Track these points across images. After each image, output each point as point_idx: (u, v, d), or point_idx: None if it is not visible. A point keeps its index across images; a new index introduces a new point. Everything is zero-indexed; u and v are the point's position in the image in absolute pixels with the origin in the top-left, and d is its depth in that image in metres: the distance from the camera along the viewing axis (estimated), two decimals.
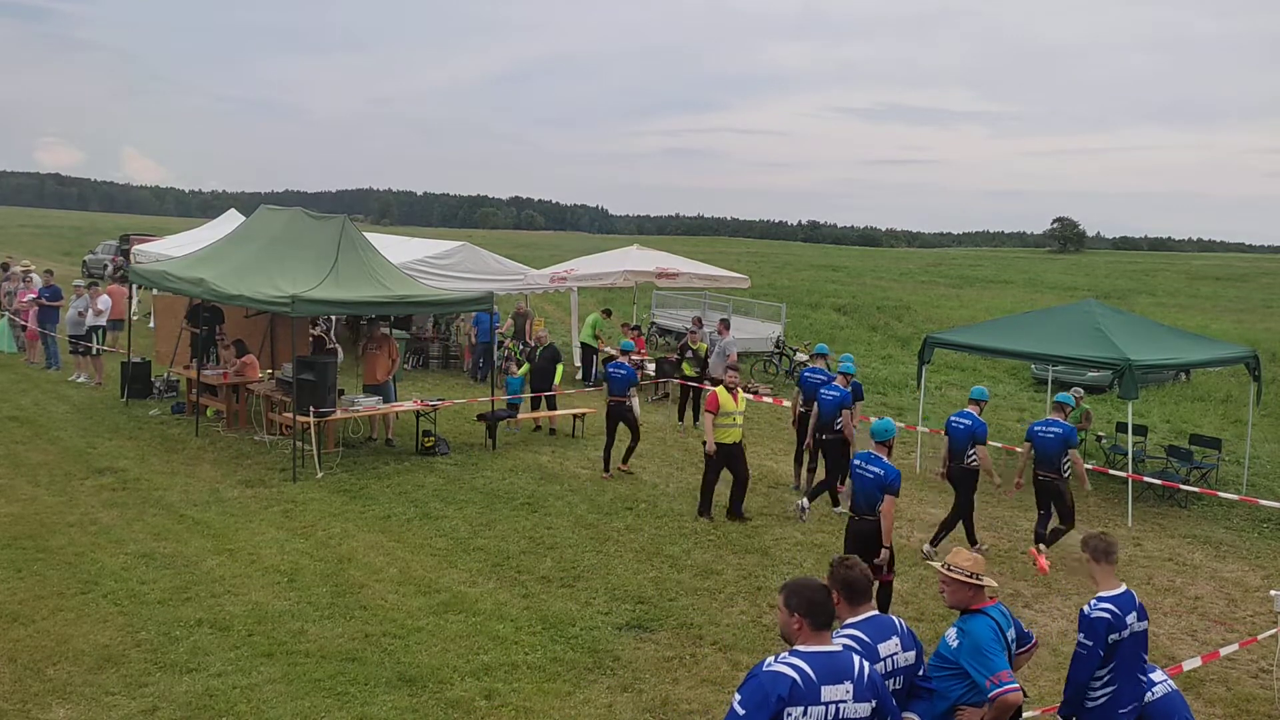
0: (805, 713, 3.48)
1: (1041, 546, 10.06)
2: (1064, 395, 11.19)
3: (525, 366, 15.36)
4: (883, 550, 7.76)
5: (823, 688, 3.52)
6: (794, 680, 3.49)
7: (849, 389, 11.69)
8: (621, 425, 12.58)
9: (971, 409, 10.53)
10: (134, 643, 7.18)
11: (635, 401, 12.74)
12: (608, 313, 20.88)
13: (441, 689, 6.68)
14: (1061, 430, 10.20)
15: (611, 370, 12.74)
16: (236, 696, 6.46)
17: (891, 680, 4.05)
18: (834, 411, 11.39)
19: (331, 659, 7.05)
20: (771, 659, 3.60)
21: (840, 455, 11.35)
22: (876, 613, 4.15)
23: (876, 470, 7.92)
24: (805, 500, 11.25)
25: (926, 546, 10.11)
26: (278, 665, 6.92)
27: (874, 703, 3.64)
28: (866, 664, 3.70)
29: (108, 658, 6.93)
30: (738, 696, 3.51)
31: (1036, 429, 10.45)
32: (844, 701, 3.55)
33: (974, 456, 10.15)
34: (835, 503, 11.52)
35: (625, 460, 12.75)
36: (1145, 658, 5.00)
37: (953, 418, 10.54)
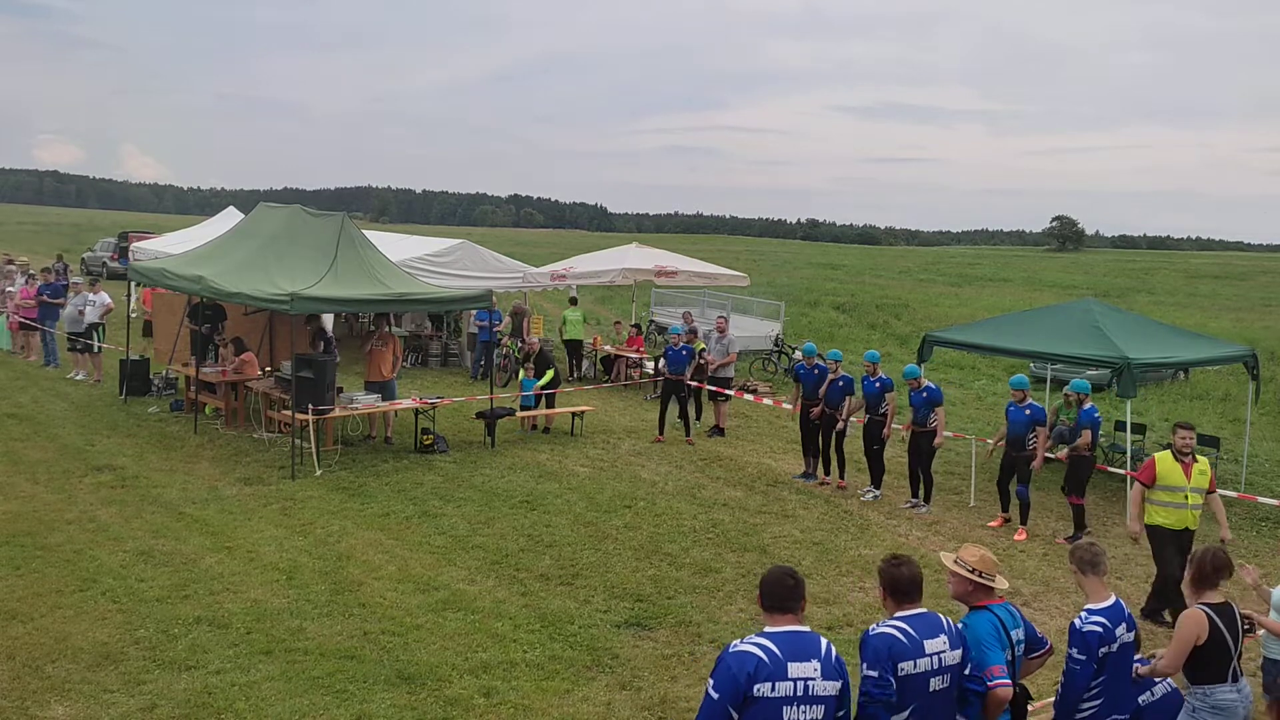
0: (773, 688, 3.65)
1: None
2: (1080, 383, 11.44)
3: (550, 374, 15.26)
4: None
5: (789, 664, 3.69)
6: (760, 658, 3.68)
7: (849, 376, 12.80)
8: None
9: None
10: (132, 640, 7.18)
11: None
12: (574, 301, 20.77)
13: (440, 687, 6.69)
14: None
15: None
16: (235, 694, 6.46)
17: (939, 678, 4.07)
18: (839, 397, 12.57)
19: (330, 656, 7.05)
20: (738, 641, 3.78)
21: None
22: (925, 611, 4.19)
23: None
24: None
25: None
26: (276, 663, 6.92)
27: (840, 682, 3.78)
28: (833, 647, 3.84)
29: (106, 655, 6.93)
30: (710, 681, 3.69)
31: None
32: (812, 679, 3.71)
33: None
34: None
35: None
36: (1133, 666, 5.01)
37: None
